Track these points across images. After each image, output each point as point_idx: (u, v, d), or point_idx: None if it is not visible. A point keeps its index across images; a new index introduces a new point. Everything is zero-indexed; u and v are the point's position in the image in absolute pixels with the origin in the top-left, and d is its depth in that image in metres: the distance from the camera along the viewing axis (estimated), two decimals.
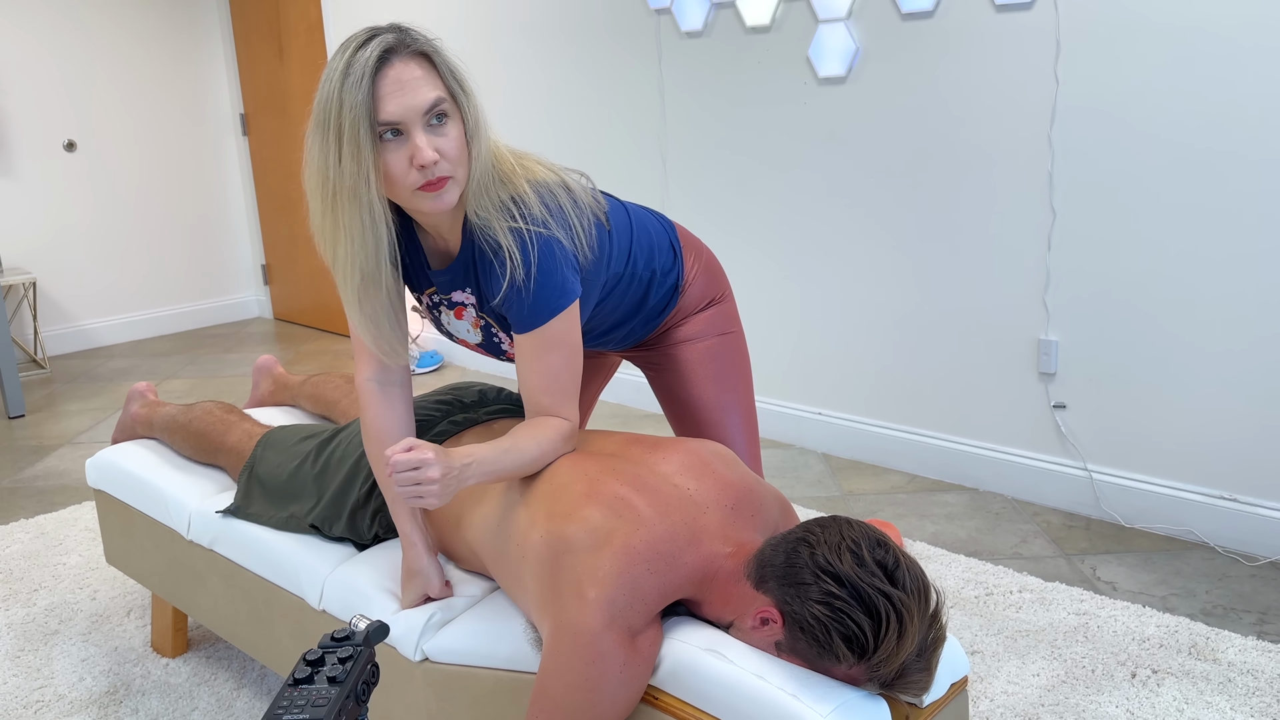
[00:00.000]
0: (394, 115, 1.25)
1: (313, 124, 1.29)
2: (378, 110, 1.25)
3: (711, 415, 1.71)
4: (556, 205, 1.40)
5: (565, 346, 1.42)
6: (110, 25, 5.02)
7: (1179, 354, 2.46)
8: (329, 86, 1.26)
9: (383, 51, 1.25)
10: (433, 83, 1.28)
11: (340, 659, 0.89)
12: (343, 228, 1.31)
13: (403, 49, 1.27)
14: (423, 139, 1.27)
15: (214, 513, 1.83)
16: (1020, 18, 2.56)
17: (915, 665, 1.16)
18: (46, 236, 4.93)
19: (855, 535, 1.20)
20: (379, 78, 1.25)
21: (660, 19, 3.36)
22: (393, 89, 1.25)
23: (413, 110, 1.26)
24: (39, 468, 3.42)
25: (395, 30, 1.29)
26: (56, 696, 2.05)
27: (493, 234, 1.36)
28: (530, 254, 1.36)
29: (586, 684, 1.19)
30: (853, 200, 3.00)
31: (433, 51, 1.29)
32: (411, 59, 1.27)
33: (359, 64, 1.24)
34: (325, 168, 1.28)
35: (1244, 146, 2.27)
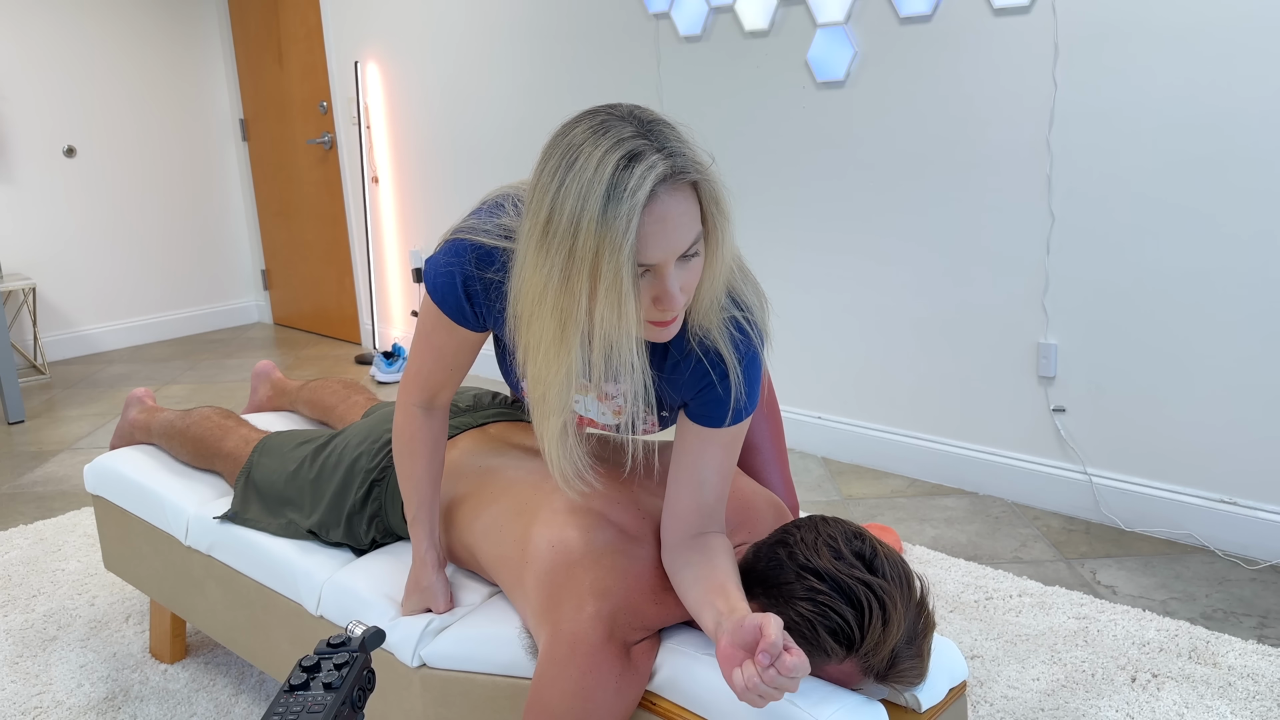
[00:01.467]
0: (651, 260, 1.04)
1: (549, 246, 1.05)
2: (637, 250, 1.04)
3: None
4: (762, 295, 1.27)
5: (739, 449, 1.30)
6: (110, 31, 5.02)
7: (1178, 357, 2.46)
8: (580, 208, 1.02)
9: (655, 184, 1.02)
10: (695, 217, 1.06)
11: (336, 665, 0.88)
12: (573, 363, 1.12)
13: (673, 178, 1.03)
14: (674, 283, 1.07)
15: (212, 518, 1.83)
16: (1018, 21, 2.56)
17: (906, 653, 1.16)
18: (46, 242, 4.93)
19: (831, 531, 1.21)
20: (644, 213, 1.02)
21: (659, 23, 3.36)
22: (656, 229, 1.03)
23: (673, 254, 1.05)
24: (38, 473, 3.42)
25: (658, 146, 1.03)
26: (55, 703, 2.05)
27: (711, 339, 1.21)
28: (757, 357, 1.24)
29: (583, 693, 1.19)
30: (851, 204, 3.00)
31: (702, 179, 1.06)
32: (679, 190, 1.04)
33: (627, 194, 1.00)
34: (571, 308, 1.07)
35: (1243, 150, 2.27)
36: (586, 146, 1.03)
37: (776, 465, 1.66)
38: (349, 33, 4.60)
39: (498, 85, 3.98)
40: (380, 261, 4.83)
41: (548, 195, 1.04)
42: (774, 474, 1.65)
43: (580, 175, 1.02)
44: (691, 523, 1.28)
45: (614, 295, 1.03)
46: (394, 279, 4.78)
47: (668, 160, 1.02)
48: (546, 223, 1.04)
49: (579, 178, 1.02)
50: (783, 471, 1.67)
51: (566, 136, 1.05)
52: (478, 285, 1.25)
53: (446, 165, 4.31)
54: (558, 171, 1.04)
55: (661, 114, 1.07)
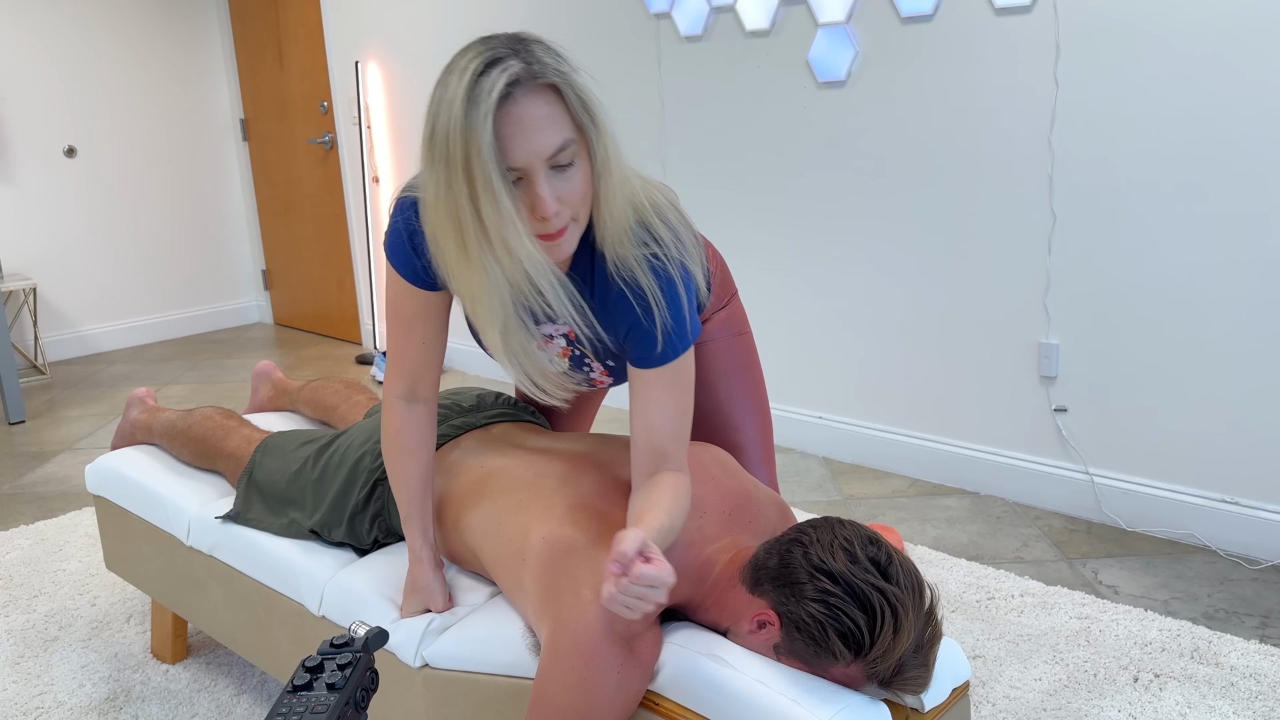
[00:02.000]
0: (516, 162, 1.11)
1: (432, 157, 1.13)
2: (501, 154, 1.10)
3: (727, 418, 1.68)
4: (690, 238, 1.30)
5: (689, 386, 1.32)
6: (110, 31, 5.02)
7: (1180, 357, 2.46)
8: (449, 117, 1.10)
9: (507, 84, 1.09)
10: (560, 122, 1.12)
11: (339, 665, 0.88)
12: (487, 269, 1.16)
13: (529, 81, 1.10)
14: (546, 188, 1.12)
15: (213, 518, 1.83)
16: (1020, 21, 2.56)
17: (913, 661, 1.16)
18: (47, 242, 4.93)
19: (848, 534, 1.20)
20: (500, 116, 1.09)
21: (660, 23, 3.36)
22: (514, 130, 1.09)
23: (536, 156, 1.11)
24: (39, 473, 3.42)
25: (519, 54, 1.11)
26: (56, 703, 2.05)
27: (630, 271, 1.25)
28: (676, 289, 1.26)
29: (584, 684, 1.19)
30: (852, 204, 3.00)
31: (562, 82, 1.12)
32: (538, 93, 1.11)
33: (483, 97, 1.08)
34: (460, 212, 1.13)
35: (1244, 149, 2.27)
36: (458, 60, 1.13)
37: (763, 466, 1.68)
38: (349, 32, 4.60)
39: None
40: (381, 262, 4.83)
41: (430, 108, 1.13)
42: (760, 475, 1.67)
43: (448, 85, 1.11)
44: (645, 463, 1.31)
45: (489, 195, 1.10)
46: None
47: (525, 64, 1.10)
48: (429, 137, 1.13)
49: (447, 88, 1.11)
50: (768, 473, 1.69)
51: (452, 59, 1.15)
52: (421, 238, 1.29)
53: None
54: (437, 87, 1.13)
55: (548, 40, 1.17)
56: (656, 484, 1.28)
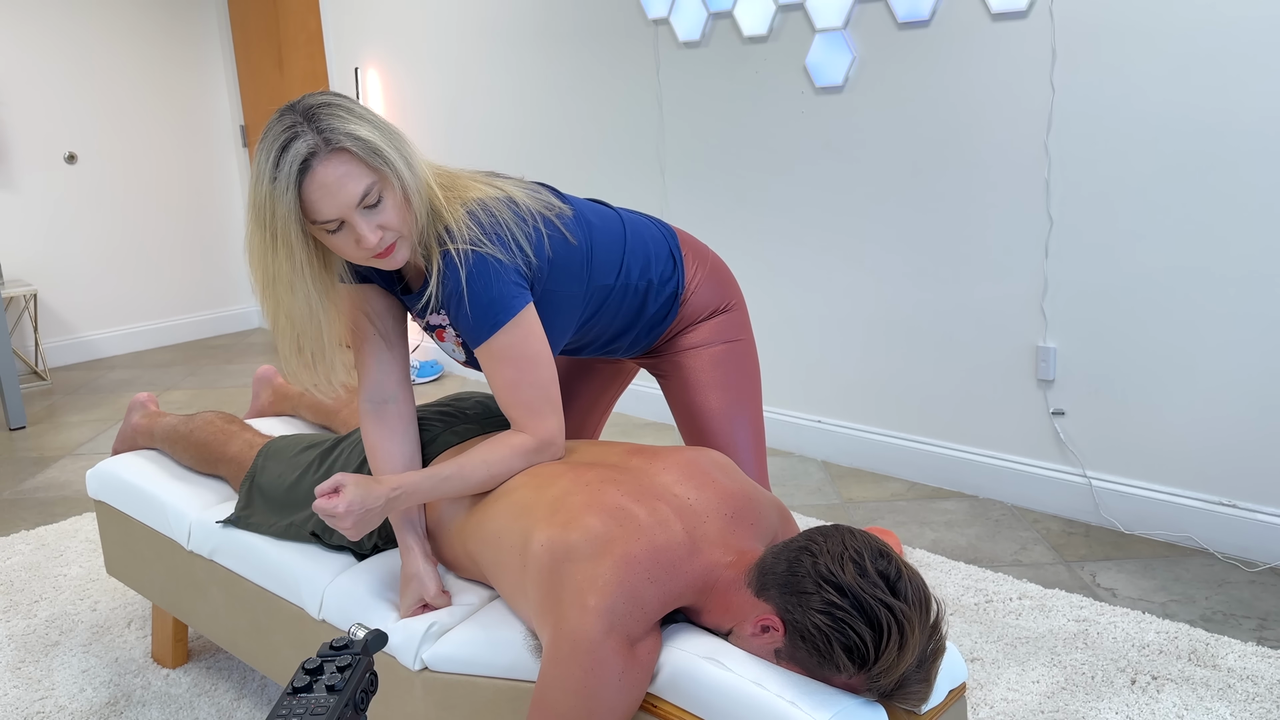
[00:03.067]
0: (330, 215, 1.33)
1: (251, 217, 1.36)
2: (312, 213, 1.33)
3: (716, 423, 1.70)
4: (491, 221, 1.44)
5: (520, 359, 1.46)
6: (110, 37, 5.04)
7: (1177, 360, 2.46)
8: (261, 188, 1.33)
9: (305, 158, 1.30)
10: (359, 174, 1.33)
11: (339, 668, 0.89)
12: (284, 311, 1.41)
13: (323, 150, 1.31)
14: (364, 226, 1.34)
15: (214, 523, 1.84)
16: (1016, 26, 2.57)
17: (915, 676, 1.16)
18: (47, 248, 4.94)
19: (858, 545, 1.20)
20: (305, 184, 1.31)
21: (658, 29, 3.37)
22: (320, 194, 1.32)
23: (346, 208, 1.33)
24: (40, 479, 3.42)
25: (312, 127, 1.32)
26: (57, 708, 2.05)
27: (430, 261, 1.44)
28: (459, 273, 1.42)
29: (585, 691, 1.19)
30: (850, 209, 3.01)
31: (351, 143, 1.32)
32: (332, 157, 1.32)
33: (284, 171, 1.31)
34: (266, 260, 1.37)
35: (1241, 153, 2.28)
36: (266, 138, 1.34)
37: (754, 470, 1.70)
38: (349, 38, 4.61)
39: (498, 92, 3.99)
40: None
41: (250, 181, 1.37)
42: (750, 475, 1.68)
43: (260, 160, 1.34)
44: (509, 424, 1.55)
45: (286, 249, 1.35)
46: None
47: (314, 135, 1.31)
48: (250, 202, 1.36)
49: (259, 162, 1.34)
50: (760, 477, 1.71)
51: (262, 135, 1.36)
52: None
53: None
54: (256, 160, 1.36)
55: (337, 98, 1.37)
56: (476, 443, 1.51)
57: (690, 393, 1.70)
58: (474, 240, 1.42)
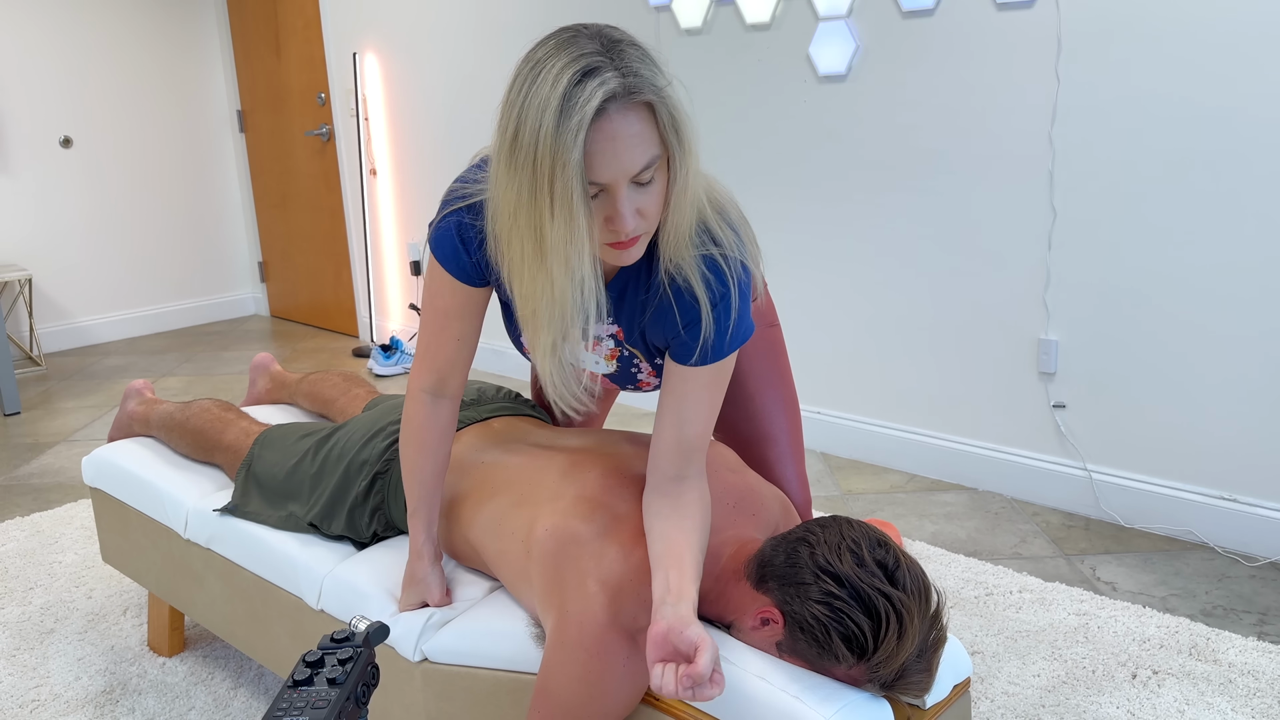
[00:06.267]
0: (600, 178, 1.08)
1: (513, 163, 1.09)
2: (586, 169, 1.07)
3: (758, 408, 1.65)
4: (747, 232, 1.28)
5: (727, 383, 1.31)
6: (107, 21, 5.00)
7: (1179, 354, 2.45)
8: (538, 125, 1.05)
9: (603, 100, 1.05)
10: (649, 139, 1.09)
11: (340, 660, 0.88)
12: (554, 292, 1.15)
13: (625, 97, 1.06)
14: (627, 205, 1.10)
15: (211, 511, 1.82)
16: (1021, 16, 2.55)
17: (916, 666, 1.15)
18: (43, 233, 4.91)
19: (856, 535, 1.19)
20: (591, 131, 1.05)
21: (660, 16, 3.35)
22: (605, 147, 1.06)
23: (623, 174, 1.08)
24: (34, 465, 3.41)
25: (614, 63, 1.06)
26: (52, 696, 2.04)
27: (685, 275, 1.22)
28: (729, 284, 1.23)
29: (589, 678, 1.18)
30: (852, 199, 3.00)
31: (657, 99, 1.08)
32: (631, 110, 1.07)
33: (576, 110, 1.04)
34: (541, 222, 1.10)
35: (1246, 145, 2.27)
36: (549, 60, 1.06)
37: (792, 459, 1.65)
38: (347, 23, 4.58)
39: (497, 77, 3.96)
40: (378, 254, 4.81)
41: (513, 110, 1.08)
42: (789, 468, 1.64)
43: (539, 90, 1.06)
44: (672, 461, 1.28)
45: (565, 210, 1.07)
46: (392, 272, 4.77)
47: (621, 79, 1.05)
48: (513, 139, 1.08)
49: (538, 93, 1.06)
50: (797, 467, 1.66)
51: (535, 52, 1.09)
52: (471, 232, 1.28)
53: (445, 157, 4.30)
54: (522, 87, 1.08)
55: (633, 37, 1.11)
56: (687, 504, 1.25)
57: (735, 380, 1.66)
58: (739, 250, 1.24)
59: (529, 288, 1.16)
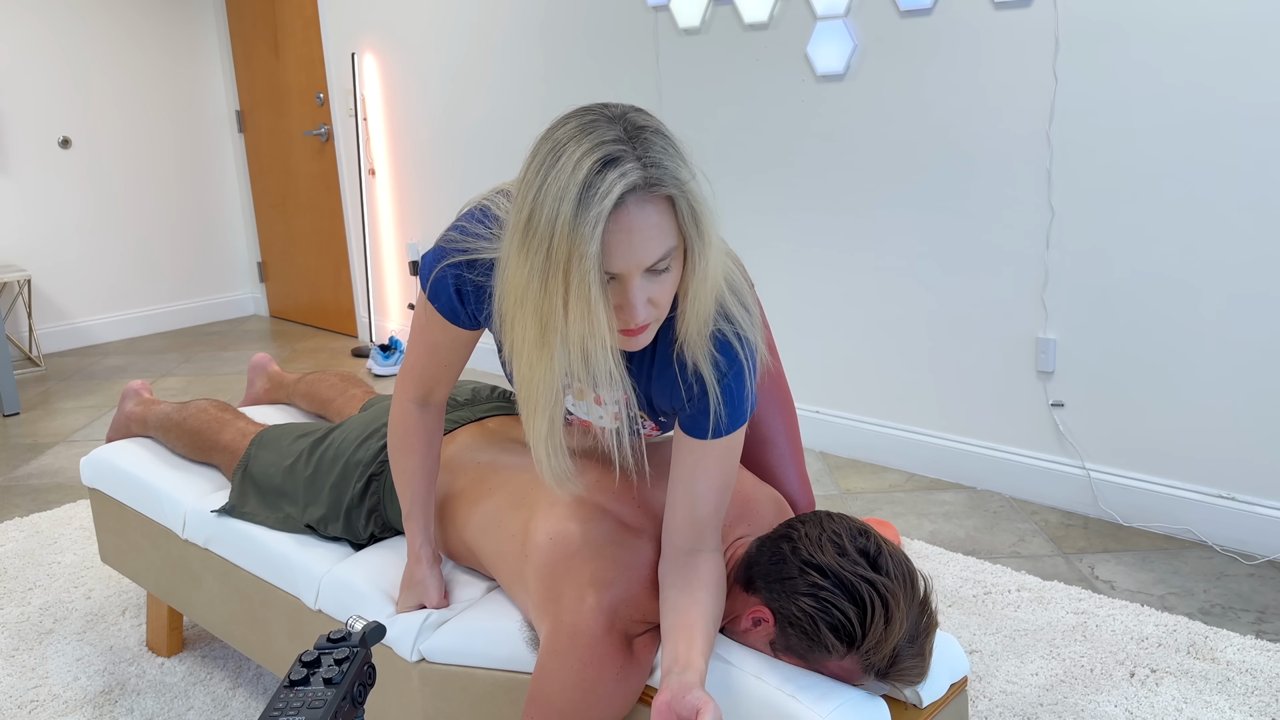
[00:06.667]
0: (614, 269, 1.05)
1: (528, 247, 1.05)
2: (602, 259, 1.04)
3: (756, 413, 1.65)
4: (758, 309, 1.26)
5: (739, 456, 1.28)
6: (106, 21, 5.00)
7: (1178, 353, 2.45)
8: (556, 213, 1.01)
9: (623, 192, 1.01)
10: (667, 231, 1.05)
11: (336, 660, 0.88)
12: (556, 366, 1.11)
13: (642, 189, 1.02)
14: (638, 295, 1.07)
15: (209, 512, 1.82)
16: (1019, 15, 2.55)
17: (908, 651, 1.16)
18: (41, 234, 4.91)
19: (836, 527, 1.21)
20: (610, 220, 1.02)
21: (658, 16, 3.35)
22: (621, 239, 1.03)
23: (636, 267, 1.05)
24: (34, 466, 3.41)
25: (636, 152, 1.02)
26: (51, 696, 2.04)
27: (694, 355, 1.20)
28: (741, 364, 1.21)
29: (583, 684, 1.18)
30: (850, 198, 3.00)
31: (678, 193, 1.05)
32: (651, 203, 1.03)
33: (596, 202, 1.00)
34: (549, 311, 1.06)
35: (1245, 144, 2.27)
36: (570, 145, 1.03)
37: (792, 461, 1.65)
38: (346, 23, 4.58)
39: (496, 77, 3.96)
40: (377, 254, 4.81)
41: (530, 193, 1.04)
42: (789, 470, 1.63)
43: (559, 176, 1.02)
44: (686, 535, 1.26)
45: (583, 301, 1.03)
46: (391, 272, 4.77)
47: (643, 170, 1.02)
48: (527, 222, 1.04)
49: (558, 178, 1.02)
50: (798, 468, 1.65)
51: (555, 133, 1.05)
52: (469, 287, 1.25)
53: (443, 158, 4.30)
54: (541, 169, 1.04)
55: (657, 122, 1.08)
56: (700, 576, 1.23)
57: None
58: (750, 328, 1.21)
59: (528, 373, 1.13)
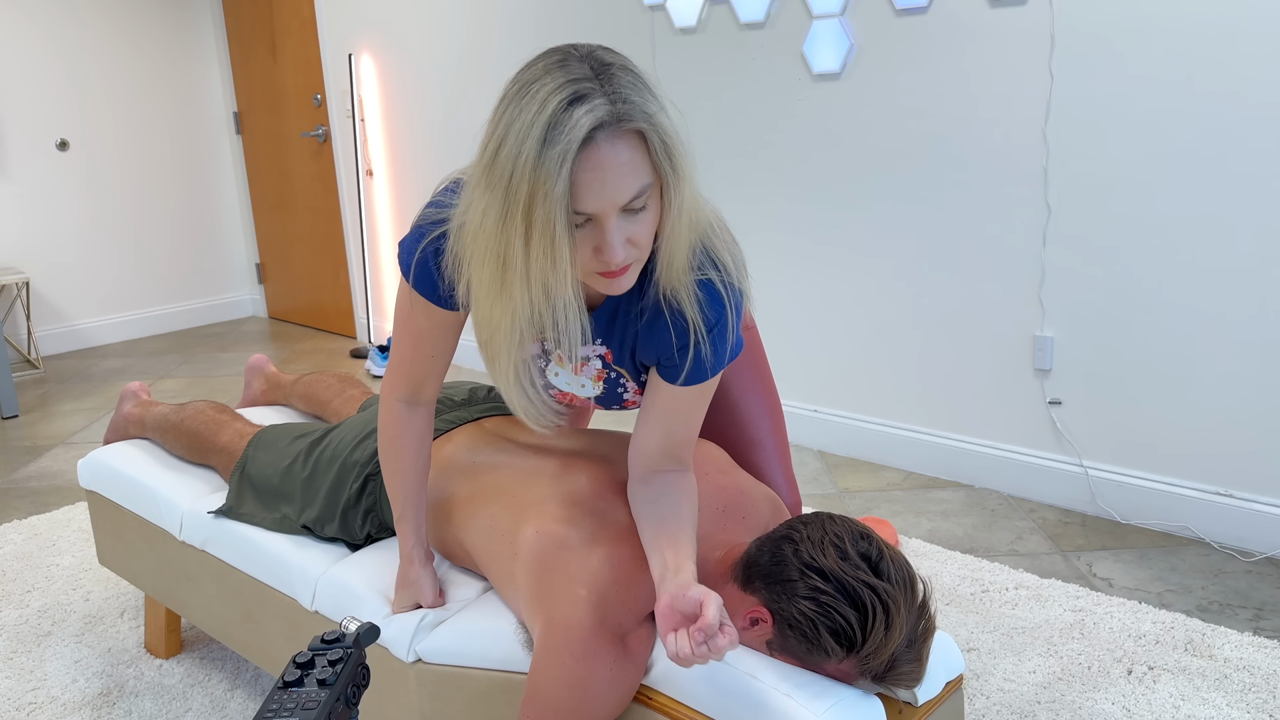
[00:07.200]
0: (587, 208, 1.03)
1: (490, 182, 1.03)
2: (572, 198, 1.02)
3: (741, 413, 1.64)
4: (740, 256, 1.25)
5: (708, 399, 1.30)
6: (103, 23, 5.00)
7: (1175, 350, 2.45)
8: (519, 151, 1.00)
9: (592, 129, 0.99)
10: (640, 168, 1.03)
11: (330, 661, 0.88)
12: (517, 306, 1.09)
13: (611, 125, 1.00)
14: (615, 235, 1.04)
15: (206, 513, 1.82)
16: (1014, 13, 2.55)
17: (906, 656, 1.16)
18: (40, 236, 4.91)
19: (838, 530, 1.20)
20: (578, 160, 1.00)
21: (654, 15, 3.35)
22: (591, 177, 1.01)
23: (611, 204, 1.03)
24: (32, 468, 3.41)
25: (604, 88, 1.00)
26: (50, 698, 2.04)
27: (678, 299, 1.19)
28: (725, 307, 1.21)
29: (577, 681, 1.18)
30: (847, 197, 3.00)
31: (648, 127, 1.03)
32: (621, 138, 1.01)
33: (565, 135, 0.98)
34: (508, 249, 1.05)
35: (1240, 141, 2.27)
36: (536, 83, 1.01)
37: (779, 462, 1.65)
38: (343, 25, 4.58)
39: (492, 77, 3.96)
40: (375, 255, 4.81)
41: (496, 129, 1.03)
42: (776, 471, 1.64)
43: (525, 112, 1.00)
44: (657, 461, 1.29)
45: (547, 240, 1.02)
46: (389, 273, 4.77)
47: (612, 105, 1.00)
48: (491, 158, 1.03)
49: (523, 114, 1.00)
50: (785, 469, 1.66)
51: (523, 74, 1.04)
52: (448, 259, 1.23)
53: (441, 158, 4.30)
54: (507, 108, 1.03)
55: (625, 59, 1.05)
56: (677, 488, 1.25)
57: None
58: (737, 272, 1.21)
59: (487, 312, 1.12)
